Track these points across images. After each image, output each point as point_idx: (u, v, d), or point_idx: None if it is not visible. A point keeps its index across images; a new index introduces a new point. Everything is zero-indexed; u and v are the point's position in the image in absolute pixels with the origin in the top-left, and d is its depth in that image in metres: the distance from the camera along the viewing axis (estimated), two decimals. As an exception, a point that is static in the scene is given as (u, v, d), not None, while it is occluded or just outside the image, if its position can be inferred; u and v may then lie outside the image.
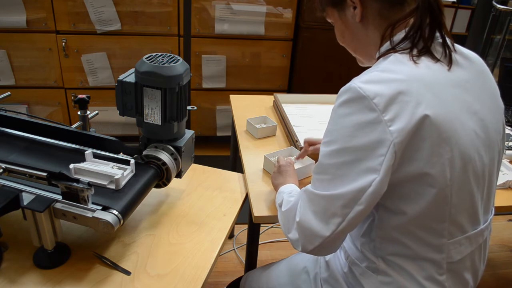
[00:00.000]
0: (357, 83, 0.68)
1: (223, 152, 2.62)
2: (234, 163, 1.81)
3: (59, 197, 0.78)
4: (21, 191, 0.78)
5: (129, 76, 0.90)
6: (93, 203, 0.78)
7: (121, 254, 0.87)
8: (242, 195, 1.10)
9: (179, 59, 0.89)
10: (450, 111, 0.68)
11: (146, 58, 0.88)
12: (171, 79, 0.86)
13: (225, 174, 1.20)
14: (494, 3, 2.28)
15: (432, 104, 0.66)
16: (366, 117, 0.66)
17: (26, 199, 0.77)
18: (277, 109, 1.55)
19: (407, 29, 0.73)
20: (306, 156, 1.20)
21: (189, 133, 0.99)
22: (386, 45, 0.76)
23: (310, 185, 0.76)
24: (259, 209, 1.02)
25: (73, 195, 0.76)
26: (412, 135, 0.65)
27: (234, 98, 1.68)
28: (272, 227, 2.12)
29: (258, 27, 2.40)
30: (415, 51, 0.72)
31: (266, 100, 1.68)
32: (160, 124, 0.91)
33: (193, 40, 2.23)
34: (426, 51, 0.72)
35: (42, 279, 0.80)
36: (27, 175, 0.80)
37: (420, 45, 0.72)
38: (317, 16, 2.37)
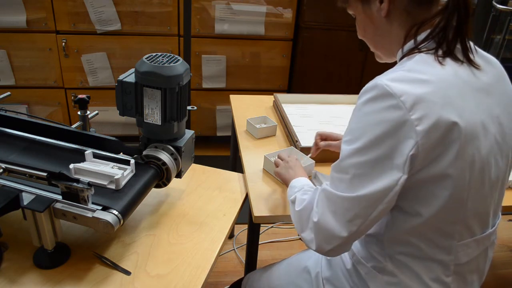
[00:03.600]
0: (384, 80, 0.66)
1: (223, 152, 2.62)
2: (234, 163, 1.80)
3: (59, 197, 0.78)
4: (21, 191, 0.79)
5: (129, 76, 0.90)
6: (93, 203, 0.78)
7: (121, 254, 0.87)
8: (242, 195, 1.10)
9: (179, 59, 0.89)
10: (475, 115, 0.67)
11: (146, 58, 0.88)
12: (171, 79, 0.86)
13: (225, 174, 1.20)
14: (494, 3, 2.28)
15: (459, 109, 0.65)
16: (392, 115, 0.64)
17: (26, 199, 0.77)
18: (277, 109, 1.55)
19: (431, 29, 0.72)
20: (307, 156, 1.18)
21: (189, 133, 0.99)
22: (410, 44, 0.74)
23: (328, 184, 0.74)
24: (259, 209, 1.02)
25: (73, 195, 0.76)
26: (438, 138, 0.64)
27: (234, 98, 1.68)
28: (272, 227, 2.12)
29: (258, 27, 2.40)
30: (440, 52, 0.70)
31: (266, 100, 1.68)
32: (160, 124, 0.91)
33: (193, 40, 2.23)
34: (450, 53, 0.71)
35: (42, 279, 0.80)
36: (27, 175, 0.80)
37: (444, 46, 0.71)
38: (317, 16, 2.37)
